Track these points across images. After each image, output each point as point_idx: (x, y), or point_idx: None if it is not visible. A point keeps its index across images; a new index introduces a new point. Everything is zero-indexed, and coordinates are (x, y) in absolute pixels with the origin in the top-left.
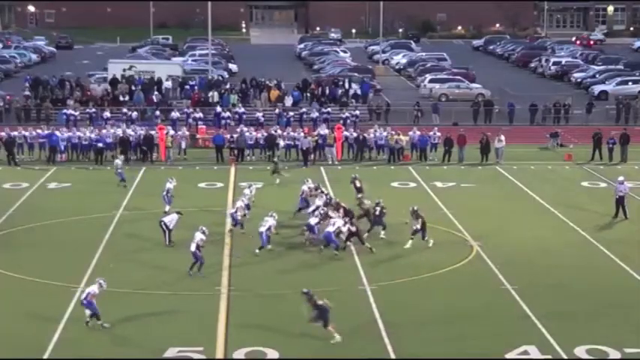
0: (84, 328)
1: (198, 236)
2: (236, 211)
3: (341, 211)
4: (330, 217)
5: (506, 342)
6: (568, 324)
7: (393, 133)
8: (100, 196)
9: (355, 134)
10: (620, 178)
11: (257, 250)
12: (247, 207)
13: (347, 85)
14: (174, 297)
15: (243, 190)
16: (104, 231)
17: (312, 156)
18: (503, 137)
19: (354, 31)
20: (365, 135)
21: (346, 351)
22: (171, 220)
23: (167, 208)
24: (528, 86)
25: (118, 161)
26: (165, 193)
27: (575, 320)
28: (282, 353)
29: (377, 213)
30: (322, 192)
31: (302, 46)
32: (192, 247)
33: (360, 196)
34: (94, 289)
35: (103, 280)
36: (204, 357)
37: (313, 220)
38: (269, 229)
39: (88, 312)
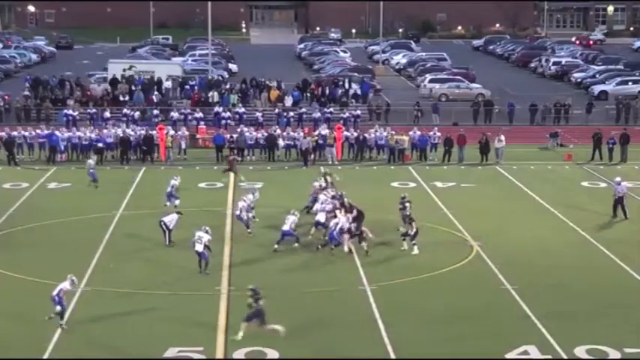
0: (84, 328)
1: (205, 237)
2: (241, 212)
3: (354, 212)
4: (336, 217)
5: (506, 342)
6: (568, 324)
7: (394, 133)
8: (100, 196)
9: (355, 134)
10: (617, 179)
11: (297, 245)
12: (251, 208)
13: (347, 85)
14: (174, 297)
15: (247, 195)
16: (104, 231)
17: (312, 156)
18: (503, 137)
19: (354, 31)
20: (365, 135)
21: (346, 351)
22: (171, 220)
23: (168, 204)
24: (528, 86)
25: (91, 161)
26: (170, 189)
27: (575, 320)
28: (282, 353)
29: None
30: (333, 191)
31: (302, 46)
32: (200, 248)
33: (324, 193)
34: (65, 285)
35: (74, 277)
36: (204, 357)
37: (321, 217)
38: (291, 226)
39: (58, 308)
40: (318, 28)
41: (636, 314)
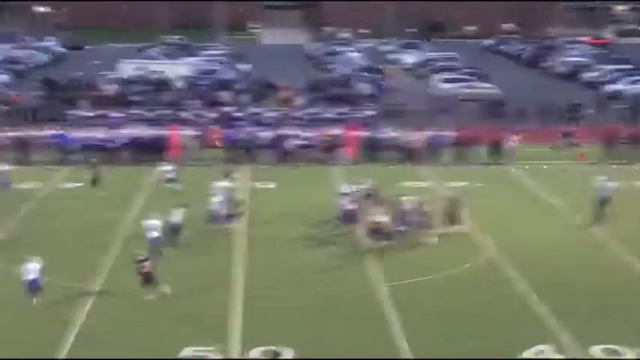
0: (98, 327)
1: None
2: (215, 207)
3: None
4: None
5: (521, 341)
6: (582, 323)
7: (408, 134)
8: (113, 196)
9: (367, 134)
10: (603, 178)
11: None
12: (226, 203)
13: (358, 86)
14: (189, 296)
15: (219, 184)
16: (117, 231)
17: (323, 156)
18: (515, 137)
19: (365, 31)
20: (377, 135)
21: (360, 351)
22: (178, 218)
23: (169, 185)
24: (539, 86)
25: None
26: (170, 175)
27: (589, 320)
28: (298, 352)
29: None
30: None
31: (313, 46)
32: (155, 234)
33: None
34: (37, 266)
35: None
36: (219, 356)
37: (351, 206)
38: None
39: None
40: (329, 28)
41: None
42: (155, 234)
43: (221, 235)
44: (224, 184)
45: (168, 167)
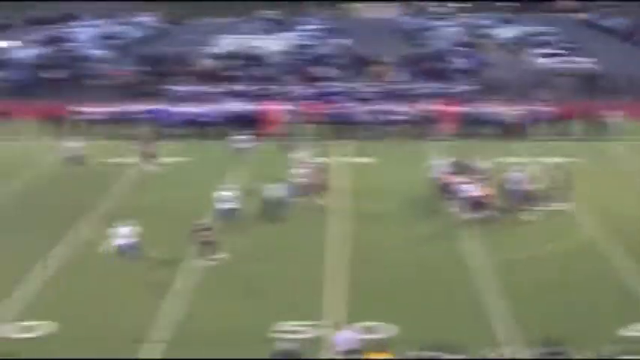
0: (190, 300)
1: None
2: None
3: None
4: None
5: (620, 319)
6: None
7: (505, 109)
8: (209, 170)
9: (465, 109)
10: None
11: None
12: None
13: (454, 60)
14: (289, 269)
15: (298, 157)
16: (211, 205)
17: (417, 131)
18: (616, 112)
19: (460, 5)
20: (475, 110)
21: (460, 328)
22: (280, 191)
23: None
24: (638, 61)
25: None
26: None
27: None
28: (403, 329)
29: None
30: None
31: (408, 19)
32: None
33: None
34: (130, 230)
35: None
36: (317, 332)
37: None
38: None
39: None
40: (423, 2)
41: None
42: (230, 205)
43: (313, 210)
44: (308, 157)
45: (241, 137)
